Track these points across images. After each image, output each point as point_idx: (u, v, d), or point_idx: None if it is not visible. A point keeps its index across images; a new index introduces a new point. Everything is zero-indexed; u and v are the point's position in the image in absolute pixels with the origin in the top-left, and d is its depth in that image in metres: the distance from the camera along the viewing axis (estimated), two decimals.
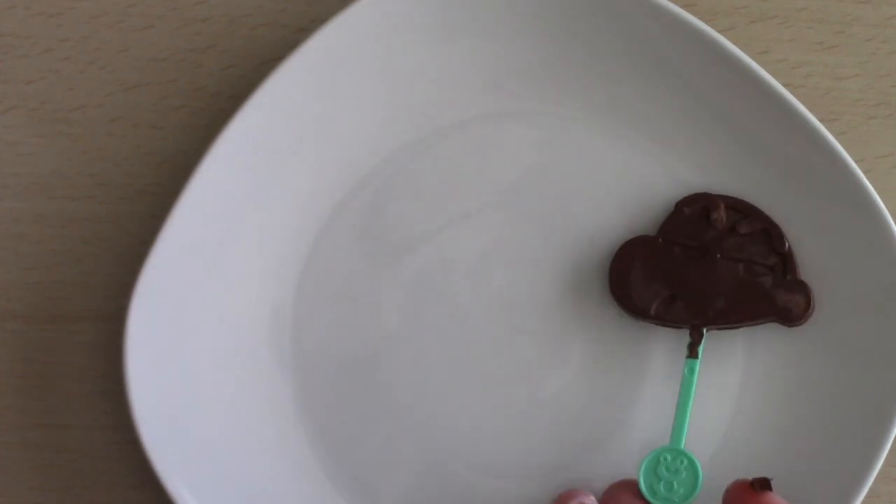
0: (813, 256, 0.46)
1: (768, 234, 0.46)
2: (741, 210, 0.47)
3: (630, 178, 0.47)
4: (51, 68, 0.49)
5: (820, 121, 0.45)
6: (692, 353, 0.46)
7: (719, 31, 0.45)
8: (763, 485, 0.41)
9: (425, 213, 0.48)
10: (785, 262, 0.46)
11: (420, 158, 0.48)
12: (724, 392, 0.47)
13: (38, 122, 0.49)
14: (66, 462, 0.48)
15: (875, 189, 0.45)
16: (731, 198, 0.47)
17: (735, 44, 0.45)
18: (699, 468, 0.46)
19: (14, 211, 0.49)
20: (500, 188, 0.48)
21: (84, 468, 0.48)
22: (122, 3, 0.49)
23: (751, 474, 0.44)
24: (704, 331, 0.46)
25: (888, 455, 0.45)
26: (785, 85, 0.45)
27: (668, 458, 0.46)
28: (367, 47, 0.47)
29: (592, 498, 0.41)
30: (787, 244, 0.46)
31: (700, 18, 0.45)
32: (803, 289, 0.46)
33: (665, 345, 0.47)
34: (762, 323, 0.46)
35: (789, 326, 0.46)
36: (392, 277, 0.48)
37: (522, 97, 0.48)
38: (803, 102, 0.45)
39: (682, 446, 0.46)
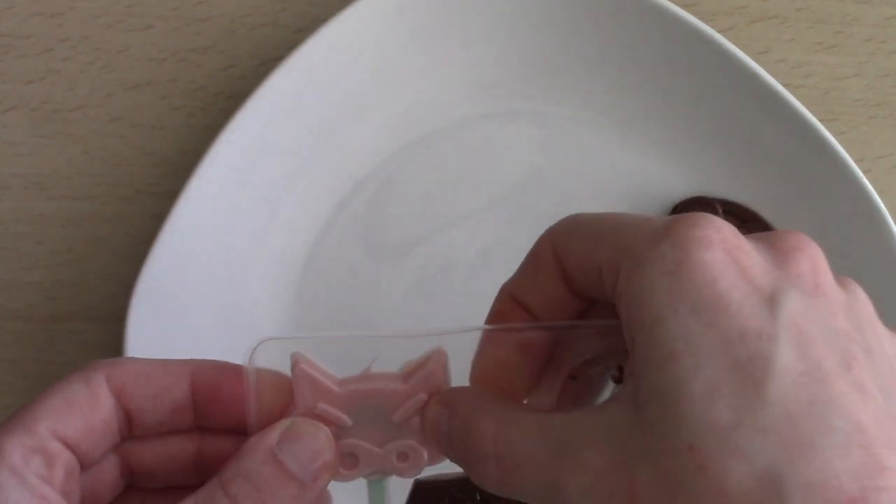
0: None
1: None
2: (739, 215, 0.47)
3: (630, 178, 0.47)
4: (51, 68, 0.49)
5: (820, 121, 0.45)
6: None
7: (719, 31, 0.45)
8: None
9: (426, 212, 0.48)
10: None
11: (420, 158, 0.48)
12: None
13: (38, 122, 0.49)
14: None
15: (875, 189, 0.45)
16: (730, 202, 0.47)
17: (735, 44, 0.45)
18: None
19: (14, 211, 0.49)
20: (500, 188, 0.48)
21: None
22: (122, 3, 0.49)
23: None
24: None
25: None
26: (785, 85, 0.45)
27: None
28: (367, 47, 0.47)
29: None
30: None
31: (700, 18, 0.45)
32: None
33: None
34: None
35: None
36: (392, 277, 0.48)
37: (523, 97, 0.48)
38: (803, 102, 0.45)
39: None
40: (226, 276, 0.47)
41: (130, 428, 0.35)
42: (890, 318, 0.45)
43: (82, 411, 0.33)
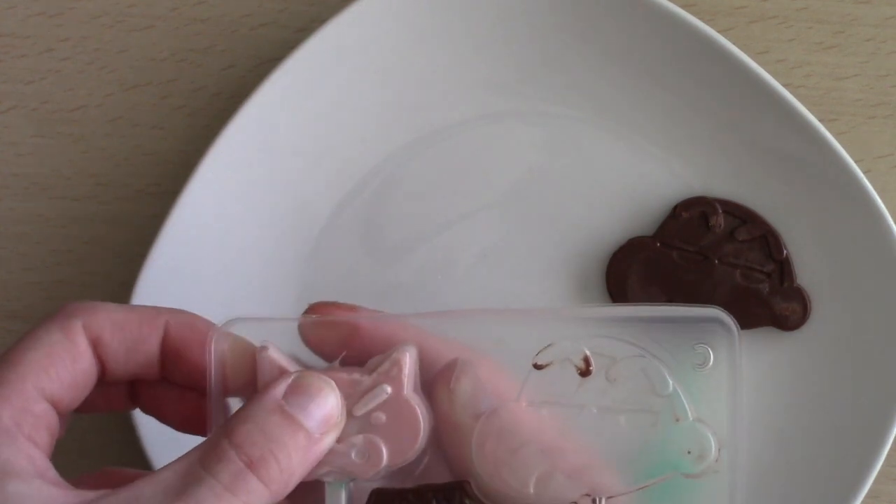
0: (812, 257, 0.46)
1: (766, 241, 0.46)
2: (739, 215, 0.46)
3: (630, 178, 0.47)
4: (51, 68, 0.49)
5: (820, 121, 0.45)
6: None
7: (719, 31, 0.45)
8: None
9: (425, 212, 0.48)
10: (782, 268, 0.46)
11: (420, 158, 0.48)
12: None
13: (38, 122, 0.49)
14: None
15: (875, 189, 0.45)
16: (730, 202, 0.47)
17: (735, 44, 0.45)
18: None
19: (14, 211, 0.49)
20: (500, 188, 0.48)
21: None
22: (122, 3, 0.49)
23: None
24: None
25: (888, 455, 0.45)
26: (785, 85, 0.45)
27: None
28: (367, 47, 0.47)
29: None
30: (785, 251, 0.46)
31: (700, 18, 0.45)
32: (800, 296, 0.46)
33: None
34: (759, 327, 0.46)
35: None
36: (392, 277, 0.48)
37: (522, 97, 0.48)
38: (803, 102, 0.45)
39: None
40: (225, 275, 0.47)
41: (103, 376, 0.35)
42: (890, 318, 0.45)
43: (65, 365, 0.33)
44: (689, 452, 0.36)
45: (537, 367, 0.35)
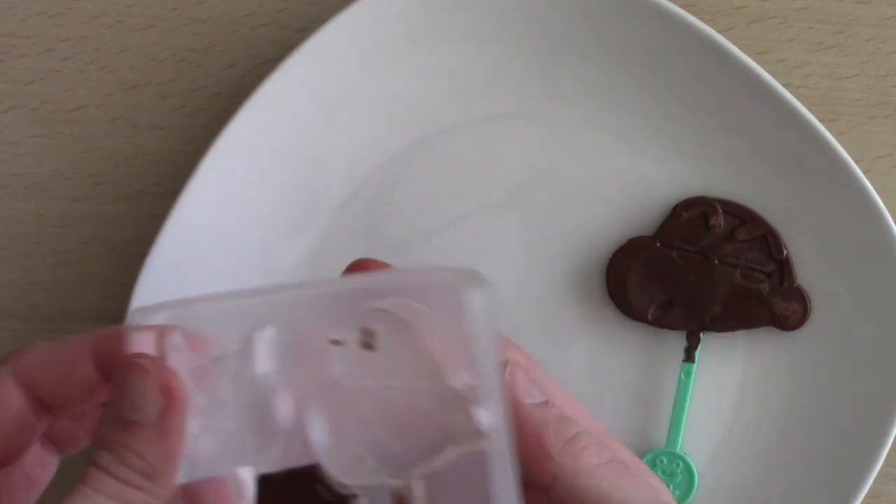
0: (812, 257, 0.46)
1: (766, 241, 0.46)
2: (739, 215, 0.46)
3: (630, 178, 0.47)
4: (51, 68, 0.49)
5: (820, 121, 0.45)
6: (689, 356, 0.46)
7: (719, 31, 0.45)
8: None
9: (426, 212, 0.48)
10: (782, 268, 0.46)
11: (420, 158, 0.48)
12: (723, 394, 0.47)
13: (38, 122, 0.49)
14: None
15: (875, 189, 0.45)
16: (730, 202, 0.47)
17: (735, 44, 0.45)
18: (695, 471, 0.46)
19: (14, 211, 0.49)
20: (500, 188, 0.48)
21: None
22: (122, 3, 0.49)
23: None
24: (701, 335, 0.46)
25: (888, 455, 0.45)
26: (785, 85, 0.45)
27: (665, 460, 0.46)
28: (367, 47, 0.47)
29: None
30: (785, 251, 0.46)
31: (700, 18, 0.45)
32: (800, 296, 0.46)
33: (663, 347, 0.47)
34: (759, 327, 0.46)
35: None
36: None
37: (522, 97, 0.48)
38: (803, 102, 0.45)
39: (679, 449, 0.46)
40: (226, 275, 0.47)
41: (51, 413, 0.34)
42: (890, 318, 0.45)
43: None
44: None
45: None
